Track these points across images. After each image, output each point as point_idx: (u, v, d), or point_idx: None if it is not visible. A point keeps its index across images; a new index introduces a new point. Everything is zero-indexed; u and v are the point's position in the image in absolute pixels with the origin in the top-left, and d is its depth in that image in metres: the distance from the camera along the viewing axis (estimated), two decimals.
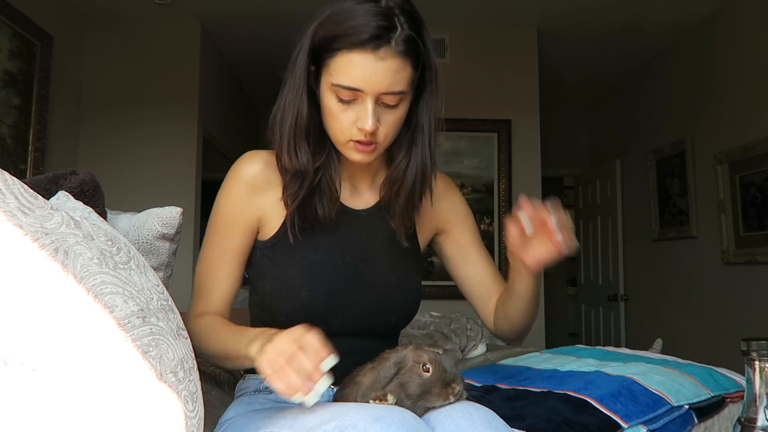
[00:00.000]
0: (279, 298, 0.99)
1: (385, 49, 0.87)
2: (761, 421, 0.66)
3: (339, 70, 0.89)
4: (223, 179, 1.04)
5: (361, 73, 0.88)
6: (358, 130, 0.91)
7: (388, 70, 0.88)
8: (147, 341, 0.69)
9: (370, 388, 0.82)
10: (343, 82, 0.89)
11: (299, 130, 0.95)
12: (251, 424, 0.90)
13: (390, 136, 0.96)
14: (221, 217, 1.01)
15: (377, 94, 0.89)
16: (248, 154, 1.03)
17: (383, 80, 0.88)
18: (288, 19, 3.38)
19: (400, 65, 0.89)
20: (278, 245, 1.00)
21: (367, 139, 0.92)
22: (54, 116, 3.11)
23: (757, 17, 3.00)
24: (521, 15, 3.52)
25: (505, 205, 3.62)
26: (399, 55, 0.88)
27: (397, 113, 0.94)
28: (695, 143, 3.52)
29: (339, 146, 0.97)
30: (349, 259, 1.02)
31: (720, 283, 3.28)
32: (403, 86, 0.91)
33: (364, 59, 0.87)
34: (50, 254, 0.65)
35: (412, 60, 0.91)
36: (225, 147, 4.20)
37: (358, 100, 0.90)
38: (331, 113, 0.93)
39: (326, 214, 0.98)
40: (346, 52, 0.88)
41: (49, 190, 0.97)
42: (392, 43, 0.87)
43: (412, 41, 0.90)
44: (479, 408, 0.81)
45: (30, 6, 2.85)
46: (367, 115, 0.90)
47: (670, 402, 1.02)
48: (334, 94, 0.91)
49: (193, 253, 3.43)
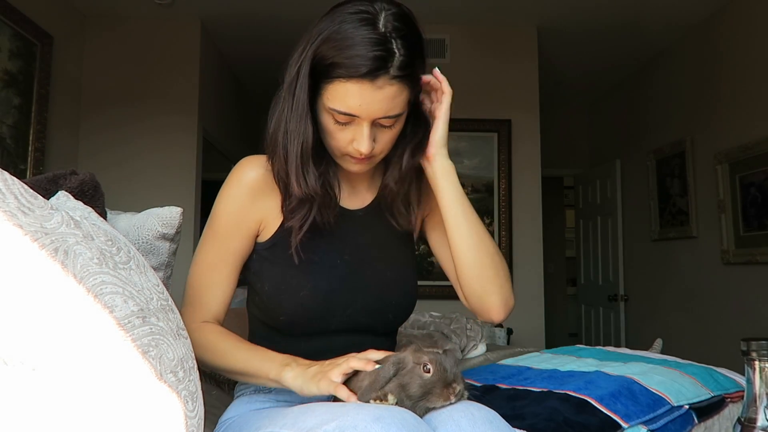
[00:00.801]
0: (278, 298, 0.99)
1: (383, 79, 0.87)
2: (761, 421, 0.66)
3: (336, 96, 0.89)
4: (223, 181, 1.04)
5: (359, 102, 0.88)
6: (354, 149, 0.93)
7: (385, 98, 0.88)
8: (147, 341, 0.69)
9: (371, 388, 0.82)
10: (340, 108, 0.89)
11: (306, 155, 0.94)
12: (251, 424, 0.90)
13: (386, 150, 0.97)
14: (222, 220, 1.01)
15: (373, 119, 0.90)
16: (248, 159, 1.03)
17: (380, 107, 0.89)
18: (288, 19, 3.38)
19: (397, 91, 0.89)
20: (277, 246, 1.00)
21: (362, 157, 0.94)
22: (54, 116, 3.11)
23: (758, 17, 3.00)
24: (521, 15, 3.52)
25: (505, 205, 3.63)
26: (396, 82, 0.88)
27: (394, 131, 0.95)
28: (695, 143, 3.52)
29: (336, 158, 0.99)
30: (348, 258, 1.02)
31: (720, 283, 3.28)
32: (400, 109, 0.92)
33: (361, 89, 0.87)
34: (50, 254, 0.65)
35: (409, 82, 0.91)
36: (225, 147, 4.20)
37: (355, 122, 0.91)
38: (328, 132, 0.94)
39: (324, 220, 0.99)
40: (343, 81, 0.87)
41: (49, 190, 0.97)
42: (390, 71, 0.87)
43: (409, 66, 0.89)
44: (480, 408, 0.81)
45: (30, 6, 2.86)
46: (363, 139, 0.91)
47: (670, 402, 1.02)
48: (330, 116, 0.91)
49: (192, 253, 3.42)
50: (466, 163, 3.66)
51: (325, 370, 0.85)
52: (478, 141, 3.67)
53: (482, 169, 3.67)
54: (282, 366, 0.90)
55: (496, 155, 3.66)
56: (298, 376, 0.87)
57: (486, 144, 3.67)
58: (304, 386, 0.86)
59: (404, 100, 0.91)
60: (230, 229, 1.00)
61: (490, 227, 3.63)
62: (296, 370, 0.88)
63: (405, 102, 0.92)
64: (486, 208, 3.63)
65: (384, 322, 1.05)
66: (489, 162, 3.67)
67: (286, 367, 0.89)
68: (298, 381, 0.87)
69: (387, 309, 1.04)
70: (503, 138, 3.66)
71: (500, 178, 3.65)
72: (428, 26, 0.94)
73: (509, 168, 3.65)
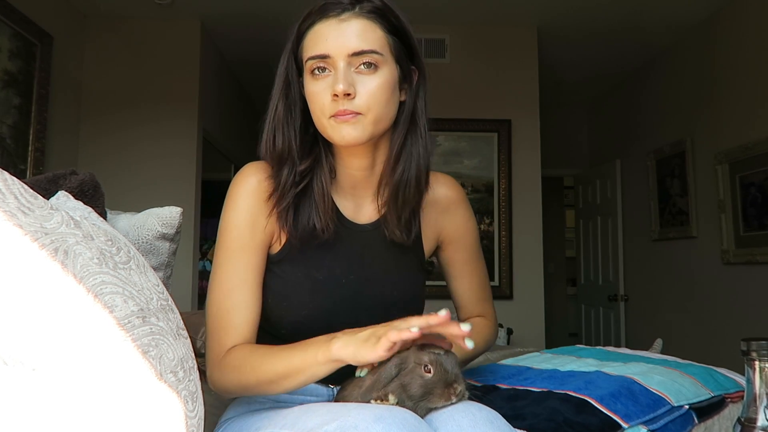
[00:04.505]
0: (280, 314, 0.97)
1: (349, 13, 0.90)
2: (761, 421, 0.66)
3: (309, 45, 0.92)
4: (223, 181, 1.03)
5: (326, 37, 0.89)
6: (333, 99, 0.89)
7: (353, 30, 0.89)
8: (147, 341, 0.69)
9: (371, 388, 0.82)
10: (312, 52, 0.90)
11: (276, 120, 0.96)
12: (251, 424, 0.90)
13: (375, 109, 0.90)
14: (234, 235, 0.95)
15: (346, 56, 0.89)
16: (250, 166, 0.99)
17: (348, 41, 0.89)
18: (288, 19, 3.36)
19: (366, 26, 0.90)
20: (284, 261, 0.98)
21: (342, 108, 0.88)
22: (54, 116, 3.11)
23: (757, 17, 3.00)
24: (521, 15, 3.52)
25: (505, 205, 3.63)
26: (364, 17, 0.90)
27: (376, 80, 0.90)
28: (695, 143, 3.52)
29: (325, 131, 0.93)
30: (353, 276, 0.99)
31: (720, 283, 3.28)
32: (375, 47, 0.90)
33: (328, 26, 0.90)
34: (50, 254, 0.65)
35: (382, 25, 0.92)
36: (225, 147, 4.20)
37: (330, 68, 0.90)
38: (311, 97, 0.92)
39: (323, 226, 0.95)
40: (312, 27, 0.91)
41: (49, 190, 0.97)
42: (356, 9, 0.90)
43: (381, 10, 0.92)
44: (481, 408, 0.81)
45: (30, 6, 2.86)
46: (337, 78, 0.88)
47: (671, 402, 1.02)
48: (310, 74, 0.92)
49: (192, 253, 3.43)
50: (466, 163, 3.66)
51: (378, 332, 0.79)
52: (478, 141, 3.67)
53: (482, 169, 3.67)
54: (327, 342, 0.82)
55: (496, 155, 3.66)
56: (348, 343, 0.80)
57: (486, 144, 3.67)
58: (357, 352, 0.78)
59: (378, 39, 0.91)
60: (245, 243, 0.94)
61: (490, 227, 3.63)
62: (344, 338, 0.81)
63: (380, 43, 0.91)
64: (486, 208, 3.63)
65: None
66: (489, 162, 3.67)
67: (333, 339, 0.82)
68: (350, 348, 0.79)
69: None
70: (503, 138, 3.66)
71: (500, 178, 3.65)
72: (428, 26, 0.95)
73: (509, 168, 3.65)
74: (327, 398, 1.01)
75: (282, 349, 0.88)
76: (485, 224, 3.63)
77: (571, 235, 6.09)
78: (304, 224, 0.96)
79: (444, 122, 3.58)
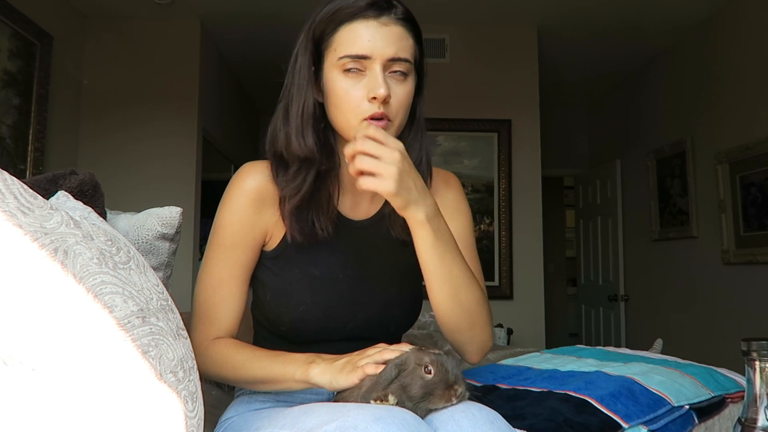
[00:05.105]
0: (278, 310, 0.98)
1: (387, 17, 0.89)
2: (761, 422, 0.66)
3: (343, 41, 0.89)
4: (223, 181, 1.03)
5: (367, 38, 0.88)
6: (370, 102, 0.88)
7: (392, 35, 0.89)
8: (147, 341, 0.68)
9: (371, 389, 0.82)
10: (350, 51, 0.88)
11: (306, 115, 0.94)
12: (251, 424, 0.90)
13: (400, 115, 0.92)
14: (227, 232, 0.97)
15: (385, 60, 0.89)
16: (249, 165, 1.00)
17: (389, 45, 0.88)
18: (288, 19, 3.38)
19: (403, 33, 0.90)
20: (280, 257, 0.99)
21: (380, 111, 0.88)
22: (54, 116, 3.11)
23: (758, 17, 3.00)
24: (521, 15, 3.52)
25: (505, 205, 3.62)
26: (401, 24, 0.90)
27: (406, 88, 0.92)
28: (695, 143, 3.52)
29: (350, 130, 0.91)
30: (350, 272, 1.00)
31: (720, 283, 3.28)
32: (408, 55, 0.91)
33: (367, 26, 0.88)
34: (50, 254, 0.65)
35: (413, 34, 0.92)
36: (225, 147, 4.20)
37: (366, 71, 0.89)
38: (341, 94, 0.90)
39: (322, 227, 0.96)
40: (348, 24, 0.89)
41: (49, 190, 0.97)
42: (392, 13, 0.89)
43: (411, 18, 0.92)
44: (482, 408, 0.81)
45: (30, 6, 2.85)
46: (378, 81, 0.87)
47: (671, 402, 1.02)
48: (340, 71, 0.90)
49: (192, 253, 3.43)
50: (466, 163, 3.66)
51: (354, 360, 0.83)
52: (478, 141, 3.67)
53: (482, 169, 3.67)
54: (306, 364, 0.86)
55: (496, 155, 3.66)
56: (326, 370, 0.84)
57: (486, 144, 3.67)
58: (334, 380, 0.83)
59: (411, 48, 0.92)
60: (236, 241, 0.97)
61: (490, 227, 3.63)
62: (322, 365, 0.85)
63: (412, 52, 0.92)
64: (486, 208, 3.63)
65: (385, 333, 1.04)
66: (489, 162, 3.67)
67: (311, 364, 0.86)
68: (327, 376, 0.84)
69: (388, 323, 1.03)
70: (503, 138, 3.65)
71: (500, 178, 3.65)
72: (428, 26, 0.95)
73: (509, 168, 3.65)
74: (327, 398, 1.01)
75: (263, 356, 0.92)
76: (485, 224, 3.63)
77: (571, 235, 6.09)
78: (303, 224, 0.96)
79: (444, 122, 3.58)
